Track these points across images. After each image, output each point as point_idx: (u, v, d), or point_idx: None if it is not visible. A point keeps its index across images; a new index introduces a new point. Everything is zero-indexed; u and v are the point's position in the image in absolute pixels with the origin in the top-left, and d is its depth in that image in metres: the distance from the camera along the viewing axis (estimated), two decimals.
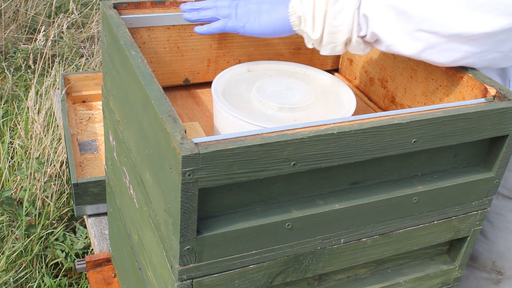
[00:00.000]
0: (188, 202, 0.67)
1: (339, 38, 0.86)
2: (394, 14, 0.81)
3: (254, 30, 0.94)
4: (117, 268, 1.27)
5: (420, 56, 0.83)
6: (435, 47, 0.81)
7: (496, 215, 1.21)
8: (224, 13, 0.96)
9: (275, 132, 0.70)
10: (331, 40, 0.87)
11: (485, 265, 1.27)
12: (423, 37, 0.80)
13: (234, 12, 0.95)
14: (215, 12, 0.97)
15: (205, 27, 0.98)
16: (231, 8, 0.96)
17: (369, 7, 0.82)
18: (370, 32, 0.84)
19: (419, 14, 0.79)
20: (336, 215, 0.79)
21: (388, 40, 0.83)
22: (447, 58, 0.82)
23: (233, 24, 0.95)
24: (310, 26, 0.87)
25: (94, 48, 3.06)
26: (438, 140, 0.79)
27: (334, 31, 0.85)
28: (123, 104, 0.90)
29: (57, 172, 2.06)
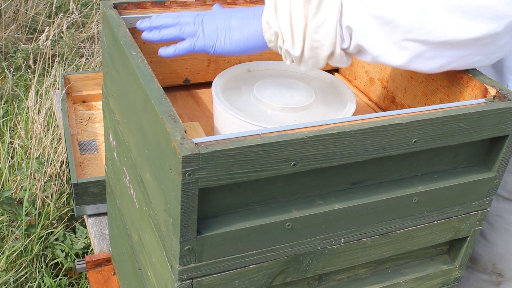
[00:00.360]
0: (188, 202, 0.67)
1: (322, 53, 0.82)
2: (379, 24, 0.78)
3: (225, 49, 0.87)
4: (117, 268, 1.27)
5: (408, 65, 0.80)
6: (422, 55, 0.79)
7: (496, 217, 1.21)
8: (190, 31, 0.88)
9: (275, 132, 0.70)
10: (312, 56, 0.83)
11: (485, 267, 1.27)
12: (411, 46, 0.78)
13: (200, 30, 0.88)
14: (179, 30, 0.88)
15: (171, 49, 0.89)
16: (196, 25, 0.88)
17: (352, 18, 0.78)
18: (354, 44, 0.80)
19: (406, 23, 0.76)
20: (336, 215, 0.79)
21: (375, 51, 0.80)
22: (434, 64, 0.80)
23: (202, 43, 0.87)
24: (289, 42, 0.82)
25: (94, 48, 3.06)
26: (439, 140, 0.79)
27: (316, 46, 0.81)
28: (123, 104, 0.90)
29: (57, 172, 2.06)
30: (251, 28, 0.86)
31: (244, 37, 0.86)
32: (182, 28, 0.88)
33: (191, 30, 0.88)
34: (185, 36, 0.88)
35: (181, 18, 0.89)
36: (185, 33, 0.88)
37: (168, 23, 0.89)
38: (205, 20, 0.88)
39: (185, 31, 0.88)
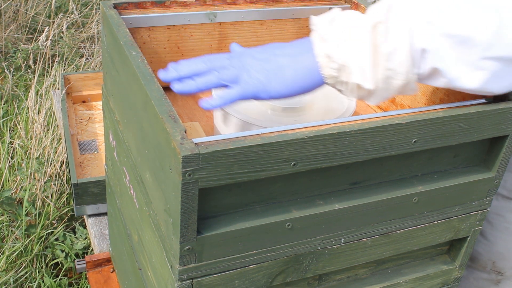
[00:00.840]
0: (188, 202, 0.67)
1: (396, 82, 0.73)
2: (454, 43, 0.70)
3: (279, 92, 0.76)
4: (117, 268, 1.27)
5: (483, 87, 0.73)
6: (498, 74, 0.72)
7: (496, 216, 1.21)
8: (231, 77, 0.76)
9: (275, 132, 0.70)
10: (385, 87, 0.73)
11: (485, 266, 1.27)
12: (488, 65, 0.71)
13: (245, 74, 0.76)
14: (218, 77, 0.76)
15: (219, 100, 0.76)
16: (237, 69, 0.76)
17: (426, 40, 0.71)
18: (429, 67, 0.72)
19: (484, 40, 0.69)
20: (336, 215, 0.79)
21: (450, 73, 0.72)
22: (504, 83, 0.74)
23: (252, 89, 0.75)
24: (359, 75, 0.72)
25: (94, 48, 3.06)
26: (439, 140, 0.79)
27: (390, 75, 0.72)
28: (123, 104, 0.90)
29: (57, 172, 2.06)
30: (304, 64, 0.75)
31: (299, 76, 0.75)
32: (221, 74, 0.76)
33: (232, 75, 0.76)
34: (227, 83, 0.76)
35: (213, 63, 0.78)
36: (226, 79, 0.76)
37: (200, 69, 0.77)
38: (246, 62, 0.77)
39: (224, 77, 0.76)
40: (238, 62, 0.77)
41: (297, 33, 1.14)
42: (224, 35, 1.09)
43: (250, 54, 0.78)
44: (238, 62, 0.77)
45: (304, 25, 1.14)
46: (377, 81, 0.73)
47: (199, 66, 0.78)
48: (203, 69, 0.77)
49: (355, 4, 1.12)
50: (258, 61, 0.76)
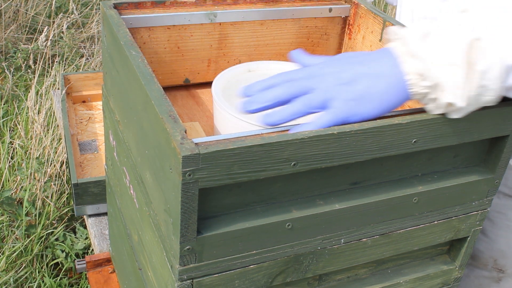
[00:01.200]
0: (188, 202, 0.67)
1: (486, 98, 0.72)
2: None
3: (370, 113, 0.73)
4: (117, 268, 1.27)
5: None
6: None
7: (497, 213, 1.21)
8: (318, 103, 0.72)
9: (276, 132, 0.70)
10: (475, 103, 0.72)
11: (486, 264, 1.27)
12: None
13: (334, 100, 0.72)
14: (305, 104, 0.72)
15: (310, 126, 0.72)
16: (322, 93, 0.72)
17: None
18: None
19: None
20: (337, 215, 0.79)
21: None
22: None
23: (344, 114, 0.72)
24: (451, 94, 0.71)
25: (94, 48, 3.06)
26: (439, 140, 0.79)
27: (482, 92, 0.71)
28: (123, 104, 0.90)
29: (57, 172, 2.07)
30: (393, 83, 0.73)
31: (388, 95, 0.73)
32: (310, 102, 0.72)
33: (320, 102, 0.72)
34: (316, 110, 0.72)
35: (294, 85, 0.73)
36: (314, 106, 0.72)
37: (282, 96, 0.73)
38: (331, 85, 0.72)
39: (312, 104, 0.72)
40: (321, 84, 0.72)
41: (297, 33, 1.14)
42: (224, 35, 1.09)
43: (332, 74, 0.73)
44: (321, 84, 0.72)
45: (304, 25, 1.14)
46: (469, 98, 0.71)
47: (280, 92, 0.73)
48: (287, 95, 0.73)
49: (355, 4, 1.13)
50: (344, 83, 0.72)
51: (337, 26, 1.17)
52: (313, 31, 1.16)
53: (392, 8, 3.75)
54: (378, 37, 1.06)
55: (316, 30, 1.16)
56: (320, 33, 1.16)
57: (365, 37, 1.11)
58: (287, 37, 1.14)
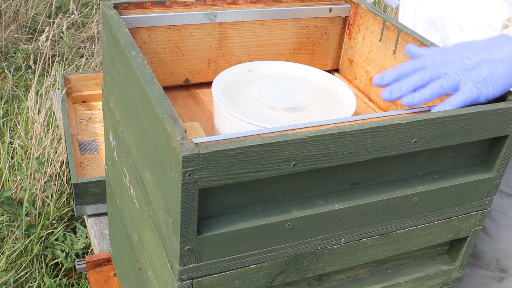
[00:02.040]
0: (188, 202, 0.67)
1: None
2: None
3: (494, 95, 0.82)
4: (117, 268, 1.27)
5: None
6: None
7: (500, 213, 1.21)
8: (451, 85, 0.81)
9: (276, 132, 0.70)
10: None
11: (489, 264, 1.27)
12: None
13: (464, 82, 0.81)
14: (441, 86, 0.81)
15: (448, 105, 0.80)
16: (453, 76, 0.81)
17: None
18: None
19: None
20: (336, 215, 0.79)
21: None
22: None
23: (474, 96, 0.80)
24: None
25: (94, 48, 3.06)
26: (439, 140, 0.79)
27: None
28: (123, 104, 0.90)
29: (57, 172, 2.07)
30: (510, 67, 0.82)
31: (509, 78, 0.82)
32: (445, 84, 0.81)
33: (453, 84, 0.81)
34: (450, 91, 0.81)
35: (427, 72, 0.82)
36: (448, 88, 0.81)
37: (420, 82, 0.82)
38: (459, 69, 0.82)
39: (446, 86, 0.81)
40: (451, 69, 0.82)
41: (297, 33, 1.14)
42: (224, 35, 1.09)
43: (458, 60, 0.82)
44: (451, 69, 0.82)
45: (304, 25, 1.14)
46: None
47: (418, 79, 0.82)
48: (423, 81, 0.82)
49: (355, 4, 1.13)
50: (471, 67, 0.81)
51: (337, 26, 1.17)
52: (313, 31, 1.16)
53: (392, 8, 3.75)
54: (378, 37, 1.06)
55: (316, 30, 1.16)
56: (320, 33, 1.16)
57: (365, 37, 1.11)
58: (287, 37, 1.14)
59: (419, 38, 0.96)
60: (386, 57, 1.06)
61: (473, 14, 1.09)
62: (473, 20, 1.09)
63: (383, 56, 1.07)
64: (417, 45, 0.96)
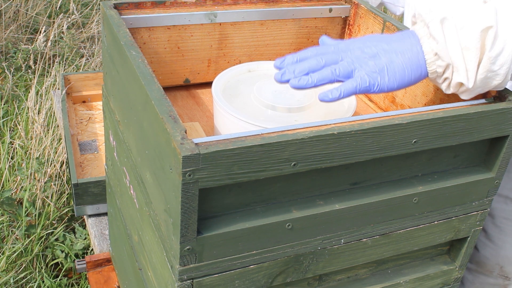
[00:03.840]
0: (189, 202, 0.67)
1: (494, 82, 0.78)
2: None
3: (389, 86, 0.80)
4: (117, 268, 1.27)
5: None
6: None
7: (505, 219, 1.20)
8: (344, 72, 0.79)
9: (276, 133, 0.70)
10: (483, 85, 0.79)
11: (492, 271, 1.27)
12: None
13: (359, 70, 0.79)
14: (332, 72, 0.79)
15: (338, 94, 0.79)
16: (349, 64, 0.80)
17: None
18: None
19: None
20: (337, 215, 0.79)
21: None
22: None
23: (366, 83, 0.79)
24: (464, 75, 0.77)
25: (95, 48, 3.06)
26: (439, 140, 0.79)
27: (491, 76, 0.77)
28: (123, 104, 0.90)
29: (57, 172, 2.07)
30: (413, 60, 0.80)
31: (407, 71, 0.80)
32: (336, 70, 0.79)
33: (346, 71, 0.79)
34: (341, 78, 0.79)
35: (324, 57, 0.81)
36: (341, 75, 0.79)
37: (314, 66, 0.80)
38: (357, 57, 0.80)
39: (339, 73, 0.79)
40: (349, 57, 0.80)
41: (297, 33, 1.14)
42: (224, 35, 1.09)
43: (358, 48, 0.81)
44: (349, 57, 0.80)
45: (304, 25, 1.14)
46: (479, 80, 0.78)
47: (312, 63, 0.80)
48: (317, 65, 0.80)
49: (355, 4, 1.13)
50: (369, 57, 0.80)
51: (337, 26, 1.17)
52: (313, 31, 1.16)
53: None
54: None
55: (316, 30, 1.16)
56: (320, 33, 1.16)
57: None
58: (287, 37, 1.14)
59: None
60: None
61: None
62: None
63: None
64: None
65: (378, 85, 0.79)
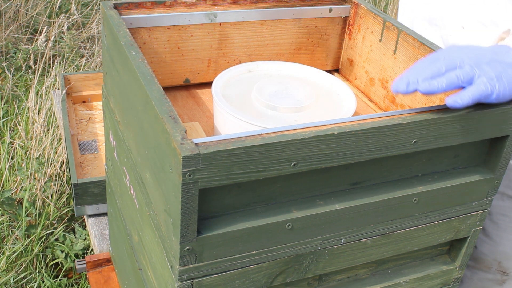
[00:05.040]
0: (189, 202, 0.67)
1: None
2: None
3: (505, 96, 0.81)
4: (117, 268, 1.27)
5: None
6: None
7: (501, 216, 1.21)
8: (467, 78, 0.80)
9: (276, 133, 0.70)
10: None
11: (490, 266, 1.27)
12: None
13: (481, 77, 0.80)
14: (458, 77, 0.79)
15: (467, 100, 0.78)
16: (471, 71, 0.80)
17: None
18: None
19: None
20: (336, 216, 0.79)
21: None
22: None
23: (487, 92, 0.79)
24: None
25: (95, 48, 3.06)
26: (439, 140, 0.79)
27: None
28: (123, 105, 0.90)
29: (57, 172, 2.07)
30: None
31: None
32: (461, 75, 0.79)
33: (469, 76, 0.79)
34: (465, 84, 0.79)
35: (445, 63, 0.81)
36: (464, 81, 0.80)
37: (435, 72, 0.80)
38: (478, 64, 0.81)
39: (463, 78, 0.79)
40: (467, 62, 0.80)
41: (297, 33, 1.14)
42: (224, 35, 1.09)
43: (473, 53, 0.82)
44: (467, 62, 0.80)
45: (304, 25, 1.14)
46: None
47: (434, 69, 0.80)
48: (439, 72, 0.80)
49: (355, 4, 1.13)
50: (487, 66, 0.80)
51: (337, 26, 1.17)
52: (313, 31, 1.16)
53: (393, 8, 3.75)
54: (378, 37, 1.06)
55: (316, 30, 1.16)
56: (320, 33, 1.16)
57: (365, 37, 1.11)
58: (287, 37, 1.14)
59: (419, 38, 0.96)
60: (386, 57, 1.06)
61: (475, 10, 1.08)
62: (475, 16, 1.09)
63: (383, 56, 1.07)
64: (417, 45, 0.96)
65: (496, 93, 0.79)
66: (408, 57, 0.99)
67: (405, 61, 1.01)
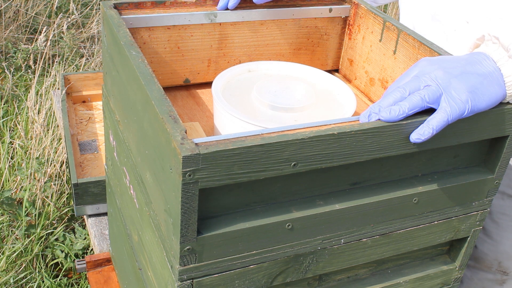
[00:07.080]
0: (189, 202, 0.67)
1: None
2: None
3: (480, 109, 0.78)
4: (117, 268, 1.27)
5: None
6: None
7: (502, 215, 1.21)
8: (433, 97, 0.75)
9: (276, 133, 0.70)
10: None
11: (490, 266, 1.27)
12: None
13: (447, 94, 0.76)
14: (421, 98, 0.75)
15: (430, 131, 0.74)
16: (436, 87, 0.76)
17: None
18: None
19: None
20: (337, 215, 0.79)
21: None
22: None
23: (459, 111, 0.75)
24: None
25: (94, 48, 3.06)
26: (439, 140, 0.79)
27: None
28: (123, 104, 0.90)
29: (57, 172, 2.07)
30: (495, 82, 0.79)
31: (492, 93, 0.78)
32: (426, 96, 0.75)
33: (435, 95, 0.75)
34: (430, 104, 0.75)
35: (406, 87, 0.76)
36: (430, 100, 0.75)
37: (398, 97, 0.76)
38: (442, 79, 0.76)
39: (427, 98, 0.75)
40: (432, 80, 0.77)
41: (297, 33, 1.14)
42: (224, 35, 1.09)
43: (440, 69, 0.78)
44: (432, 80, 0.77)
45: (304, 25, 1.14)
46: None
47: (397, 95, 0.76)
48: (402, 96, 0.76)
49: (355, 4, 1.13)
50: (455, 79, 0.77)
51: (337, 26, 1.17)
52: (313, 31, 1.16)
53: (392, 8, 3.75)
54: (378, 38, 1.06)
55: (316, 30, 1.16)
56: (320, 33, 1.16)
57: (365, 37, 1.11)
58: (287, 37, 1.14)
59: (419, 38, 0.96)
60: (386, 57, 1.06)
61: (480, 4, 1.08)
62: (481, 10, 1.08)
63: (383, 56, 1.07)
64: (417, 45, 0.96)
65: (469, 110, 0.76)
66: (408, 57, 0.99)
67: (405, 61, 1.01)
